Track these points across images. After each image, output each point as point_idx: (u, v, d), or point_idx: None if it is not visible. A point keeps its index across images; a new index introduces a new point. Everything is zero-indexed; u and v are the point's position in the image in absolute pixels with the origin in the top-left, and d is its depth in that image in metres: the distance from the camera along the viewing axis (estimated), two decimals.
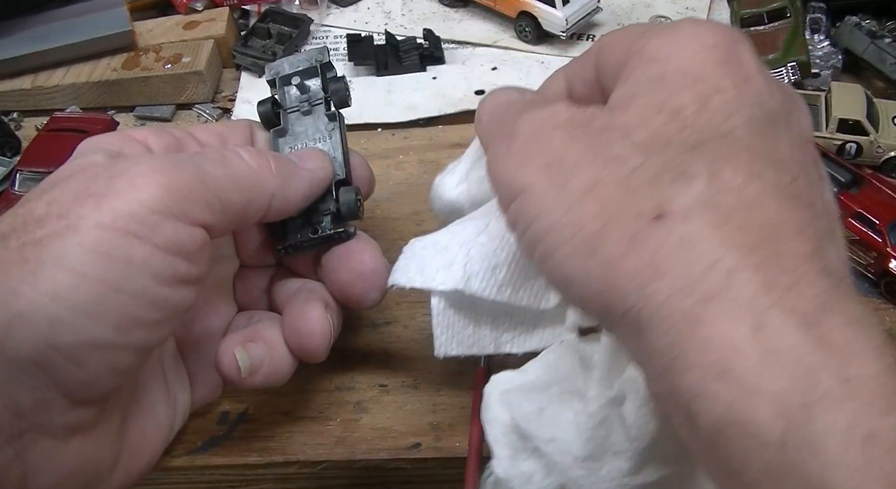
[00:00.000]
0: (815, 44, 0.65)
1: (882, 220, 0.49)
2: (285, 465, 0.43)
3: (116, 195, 0.32)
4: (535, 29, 0.67)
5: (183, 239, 0.33)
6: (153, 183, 0.33)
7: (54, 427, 0.32)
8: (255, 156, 0.38)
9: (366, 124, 0.62)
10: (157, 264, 0.32)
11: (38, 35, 0.65)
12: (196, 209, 0.34)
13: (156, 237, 0.32)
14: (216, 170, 0.35)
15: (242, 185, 0.36)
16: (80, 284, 0.31)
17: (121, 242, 0.31)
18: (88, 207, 0.32)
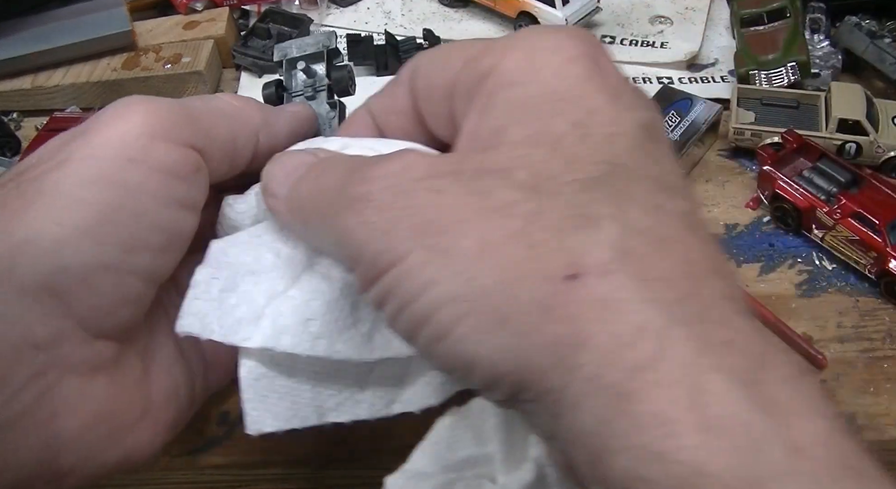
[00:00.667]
0: (814, 44, 0.65)
1: (881, 219, 0.49)
2: (285, 465, 0.43)
3: (103, 128, 0.33)
4: None
5: (175, 159, 0.34)
6: (137, 112, 0.34)
7: (76, 361, 0.32)
8: (236, 97, 0.39)
9: None
10: (153, 184, 0.33)
11: (38, 35, 0.65)
12: (182, 131, 0.34)
13: (148, 159, 0.33)
14: (197, 103, 0.37)
15: (226, 114, 0.37)
16: (80, 208, 0.31)
17: (115, 167, 0.32)
18: (78, 144, 0.33)
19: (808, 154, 0.54)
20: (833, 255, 0.51)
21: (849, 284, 0.50)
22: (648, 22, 0.69)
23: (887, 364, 0.46)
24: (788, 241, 0.53)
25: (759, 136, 0.57)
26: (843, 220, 0.50)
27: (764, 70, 0.61)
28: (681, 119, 0.57)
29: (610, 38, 0.68)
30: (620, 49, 0.67)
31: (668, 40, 0.68)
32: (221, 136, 0.36)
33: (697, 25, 0.69)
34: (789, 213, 0.52)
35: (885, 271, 0.48)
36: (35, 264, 0.31)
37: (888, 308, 0.49)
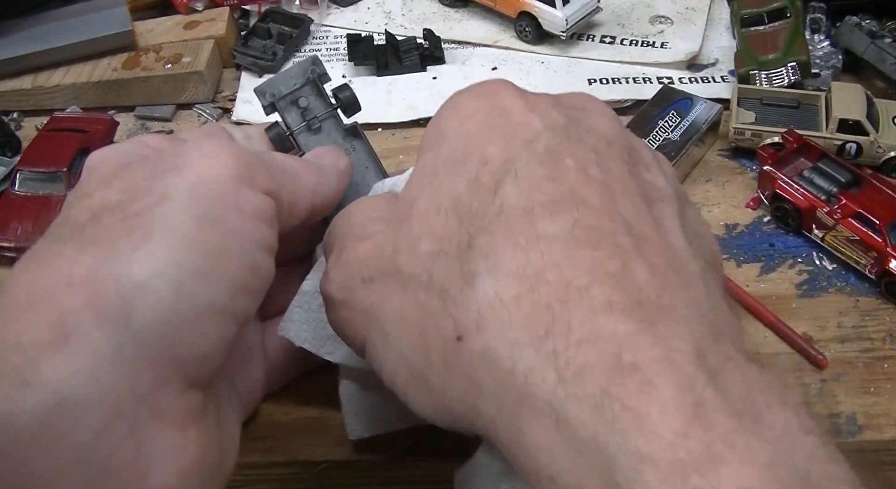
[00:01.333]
0: (815, 44, 0.65)
1: (882, 219, 0.49)
2: (286, 465, 0.43)
3: (194, 166, 0.32)
4: (535, 29, 0.67)
5: (261, 204, 0.33)
6: (225, 153, 0.33)
7: (172, 412, 0.30)
8: (290, 157, 0.38)
9: (366, 124, 0.62)
10: (249, 228, 0.32)
11: (38, 35, 0.65)
12: (262, 177, 0.34)
13: (241, 202, 0.32)
14: (265, 156, 0.36)
15: (289, 173, 0.36)
16: (194, 247, 0.30)
17: (216, 207, 0.31)
18: (171, 179, 0.31)
19: (808, 154, 0.54)
20: (833, 255, 0.51)
21: (849, 284, 0.50)
22: (649, 22, 0.70)
23: (887, 364, 0.46)
24: (789, 241, 0.53)
25: (760, 136, 0.57)
26: (843, 220, 0.50)
27: (764, 70, 0.61)
28: (681, 119, 0.57)
29: (610, 38, 0.68)
30: (621, 49, 0.67)
31: (669, 40, 0.68)
32: (287, 190, 0.36)
33: (698, 25, 0.69)
34: (790, 213, 0.52)
35: (885, 271, 0.48)
36: (152, 309, 0.29)
37: (888, 308, 0.49)
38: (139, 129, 0.64)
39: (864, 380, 0.45)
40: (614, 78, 0.65)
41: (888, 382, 0.45)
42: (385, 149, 0.60)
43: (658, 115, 0.57)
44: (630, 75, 0.65)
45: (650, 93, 0.60)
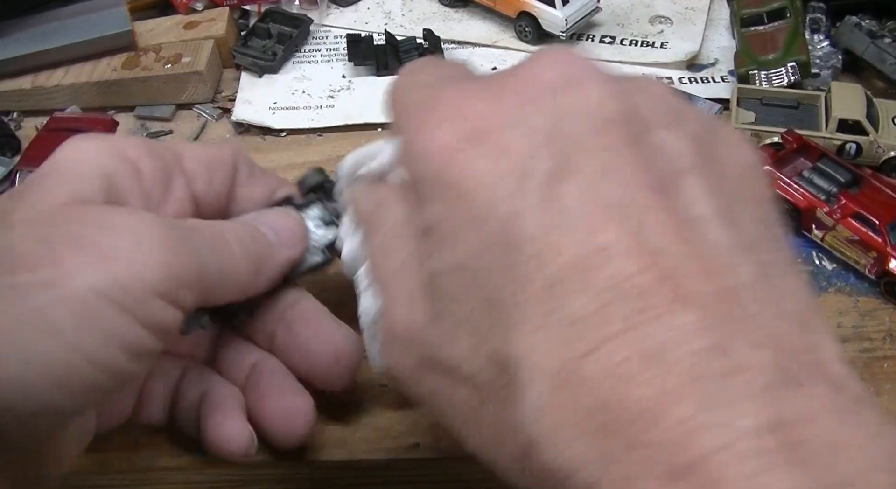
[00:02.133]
0: (814, 44, 0.65)
1: (882, 219, 0.49)
2: (285, 465, 0.43)
3: (116, 259, 0.30)
4: (534, 29, 0.67)
5: (165, 318, 0.32)
6: (158, 261, 0.31)
7: None
8: (240, 243, 0.36)
9: (366, 124, 0.62)
10: (130, 336, 0.30)
11: (38, 35, 0.65)
12: (186, 295, 0.32)
13: (140, 312, 0.30)
14: (210, 258, 0.34)
15: (225, 276, 0.35)
16: (55, 351, 0.29)
17: (108, 313, 0.30)
18: (84, 261, 0.30)
19: (808, 154, 0.54)
20: (833, 255, 0.51)
21: (849, 284, 0.50)
22: (648, 22, 0.70)
23: (887, 364, 0.46)
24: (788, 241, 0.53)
25: (759, 136, 0.57)
26: (843, 220, 0.50)
27: (764, 70, 0.61)
28: None
29: (610, 38, 0.68)
30: (620, 49, 0.67)
31: (668, 40, 0.68)
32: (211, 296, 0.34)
33: (697, 25, 0.69)
34: (789, 213, 0.52)
35: (885, 271, 0.48)
36: None
37: (888, 308, 0.49)
38: (139, 129, 0.64)
39: (863, 381, 0.45)
40: None
41: (888, 382, 0.45)
42: None
43: None
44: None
45: None
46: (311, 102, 0.64)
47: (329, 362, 0.39)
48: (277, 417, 0.38)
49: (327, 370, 0.39)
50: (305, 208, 0.42)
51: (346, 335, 0.39)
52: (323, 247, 0.41)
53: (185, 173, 0.38)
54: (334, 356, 0.39)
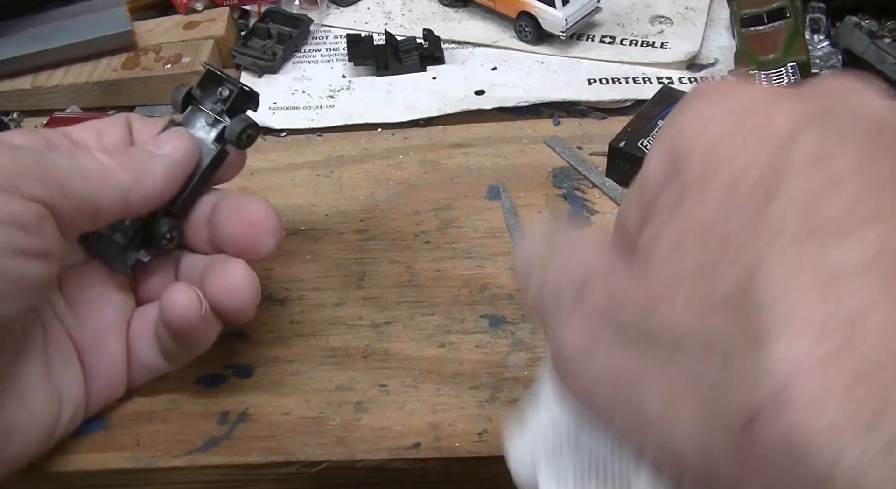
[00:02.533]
0: (814, 44, 0.65)
1: None
2: (285, 465, 0.43)
3: None
4: (534, 29, 0.67)
5: (16, 210, 0.34)
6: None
7: None
8: (106, 154, 0.39)
9: (365, 124, 0.62)
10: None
11: (37, 35, 0.65)
12: (29, 185, 0.35)
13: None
14: (61, 160, 0.37)
15: (89, 178, 0.37)
16: None
17: None
18: None
19: None
20: None
21: None
22: (648, 22, 0.70)
23: None
24: None
25: None
26: None
27: (764, 70, 0.61)
28: None
29: (610, 38, 0.68)
30: (620, 49, 0.67)
31: (669, 40, 0.68)
32: (79, 196, 0.37)
33: (697, 25, 0.69)
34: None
35: None
36: None
37: None
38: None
39: None
40: (614, 78, 0.65)
41: None
42: (385, 149, 0.60)
43: (658, 115, 0.57)
44: (630, 75, 0.65)
45: (650, 93, 0.60)
46: (310, 102, 0.64)
47: (245, 228, 0.42)
48: (221, 290, 0.40)
49: (250, 237, 0.42)
50: (189, 121, 0.45)
51: (259, 201, 0.43)
52: (213, 141, 0.44)
53: (75, 140, 0.42)
54: (249, 222, 0.42)
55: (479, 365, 0.46)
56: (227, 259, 0.41)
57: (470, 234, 0.53)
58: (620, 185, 0.56)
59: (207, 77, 0.45)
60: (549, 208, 0.55)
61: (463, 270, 0.51)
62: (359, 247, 0.53)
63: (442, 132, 0.62)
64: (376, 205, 0.56)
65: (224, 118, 0.44)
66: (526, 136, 0.61)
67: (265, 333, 0.48)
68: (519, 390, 0.44)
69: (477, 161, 0.59)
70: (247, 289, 0.40)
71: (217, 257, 0.42)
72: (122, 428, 0.44)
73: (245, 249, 0.42)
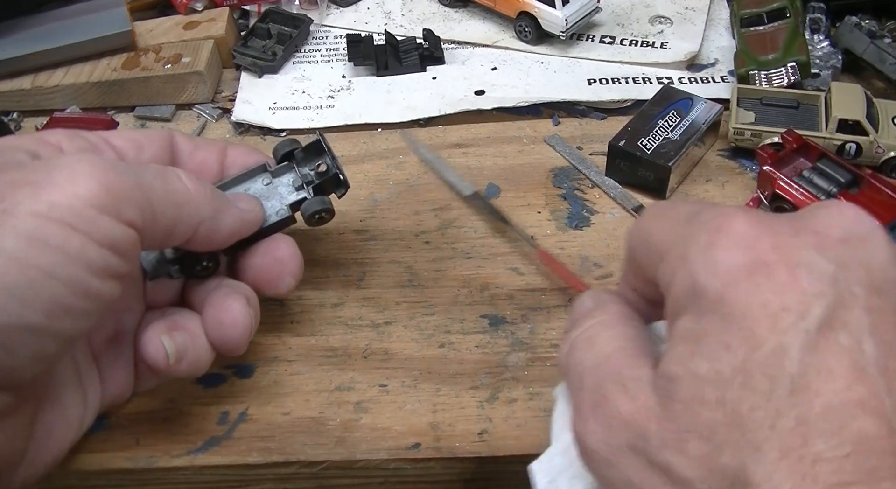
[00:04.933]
0: (814, 44, 0.65)
1: (881, 220, 0.49)
2: (285, 465, 0.43)
3: (54, 187, 0.33)
4: (534, 29, 0.67)
5: (116, 235, 0.34)
6: (92, 179, 0.34)
7: None
8: (193, 181, 0.39)
9: (366, 124, 0.62)
10: (90, 255, 0.33)
11: (38, 35, 0.65)
12: (129, 209, 0.35)
13: (91, 230, 0.33)
14: (155, 182, 0.37)
15: (176, 202, 0.37)
16: (11, 267, 0.31)
17: (56, 231, 0.32)
18: (24, 194, 0.33)
19: (807, 154, 0.54)
20: None
21: None
22: (648, 22, 0.70)
23: None
24: None
25: (759, 136, 0.57)
26: None
27: (764, 70, 0.61)
28: (681, 119, 0.57)
29: (610, 38, 0.68)
30: (620, 49, 0.67)
31: (668, 40, 0.68)
32: (164, 221, 0.37)
33: (697, 25, 0.69)
34: (789, 212, 0.52)
35: None
36: None
37: None
38: (139, 129, 0.64)
39: None
40: (614, 78, 0.65)
41: None
42: (385, 149, 0.60)
43: (658, 115, 0.57)
44: (630, 75, 0.65)
45: (650, 93, 0.60)
46: (310, 102, 0.64)
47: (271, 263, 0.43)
48: (212, 319, 0.41)
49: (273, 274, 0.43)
50: (279, 175, 0.46)
51: (287, 242, 0.44)
52: (289, 205, 0.46)
53: (115, 149, 0.41)
54: (275, 258, 0.43)
55: (479, 365, 0.46)
56: (229, 293, 0.41)
57: (470, 234, 0.53)
58: (620, 184, 0.56)
59: (314, 145, 0.46)
60: (549, 208, 0.55)
61: (463, 270, 0.51)
62: (359, 247, 0.53)
63: (442, 132, 0.62)
64: (376, 205, 0.56)
65: (308, 189, 0.46)
66: (526, 136, 0.61)
67: (265, 333, 0.48)
68: (519, 390, 0.45)
69: (477, 161, 0.59)
70: (241, 326, 0.41)
71: (223, 287, 0.42)
72: (121, 428, 0.44)
73: (265, 284, 0.44)
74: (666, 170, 0.54)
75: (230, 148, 0.46)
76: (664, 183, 0.55)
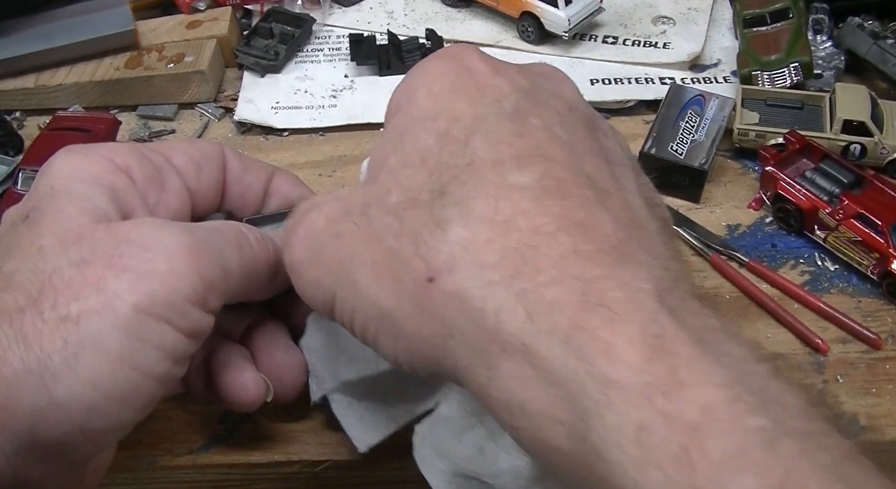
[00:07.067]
0: (817, 44, 0.64)
1: (884, 221, 0.49)
2: (287, 465, 0.43)
3: (153, 276, 0.32)
4: (537, 29, 0.67)
5: (203, 325, 0.34)
6: (190, 270, 0.33)
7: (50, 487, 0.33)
8: (261, 244, 0.38)
9: (368, 124, 0.62)
10: (180, 348, 0.33)
11: (41, 34, 0.65)
12: (217, 301, 0.34)
13: (183, 324, 0.33)
14: (233, 259, 0.36)
15: (248, 275, 0.37)
16: (118, 372, 0.31)
17: (156, 328, 0.32)
18: (125, 284, 0.31)
19: (810, 155, 0.54)
20: (835, 256, 0.51)
21: (851, 285, 0.50)
22: (651, 22, 0.69)
23: (889, 365, 0.46)
24: (791, 241, 0.53)
25: (764, 136, 0.56)
26: (845, 221, 0.50)
27: (767, 71, 0.61)
28: (700, 118, 0.56)
29: (612, 38, 0.68)
30: (623, 49, 0.67)
31: (671, 41, 0.68)
32: (236, 295, 0.36)
33: (700, 26, 0.69)
34: (792, 213, 0.52)
35: (887, 272, 0.48)
36: (60, 426, 0.30)
37: (890, 309, 0.49)
38: (141, 128, 0.64)
39: (865, 382, 0.45)
40: (616, 78, 0.65)
41: (890, 383, 0.45)
42: None
43: (677, 117, 0.57)
44: (632, 76, 0.65)
45: (652, 93, 0.60)
46: (313, 102, 0.64)
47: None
48: (272, 374, 0.40)
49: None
50: None
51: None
52: None
53: (176, 169, 0.40)
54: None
55: None
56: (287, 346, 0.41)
57: None
58: None
59: None
60: None
61: None
62: None
63: None
64: None
65: None
66: None
67: None
68: None
69: None
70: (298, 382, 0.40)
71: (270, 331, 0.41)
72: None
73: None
74: (702, 174, 0.54)
75: (277, 175, 0.44)
76: (699, 186, 0.55)
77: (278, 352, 0.40)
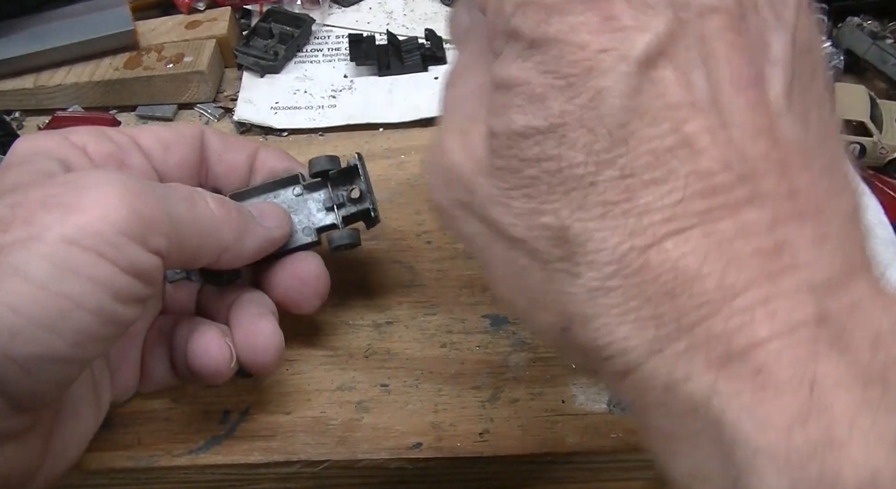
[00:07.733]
0: None
1: None
2: (287, 465, 0.43)
3: (85, 210, 0.32)
4: None
5: (142, 263, 0.33)
6: (123, 204, 0.32)
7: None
8: (220, 205, 0.38)
9: (367, 124, 0.62)
10: (117, 283, 0.32)
11: (39, 35, 0.65)
12: (156, 238, 0.34)
13: (119, 258, 0.32)
14: (181, 208, 0.36)
15: (201, 231, 0.37)
16: (41, 298, 0.30)
17: (86, 259, 0.31)
18: (55, 217, 0.31)
19: None
20: None
21: None
22: None
23: None
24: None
25: None
26: None
27: None
28: None
29: None
30: None
31: None
32: (189, 249, 0.36)
33: None
34: None
35: None
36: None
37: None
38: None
39: None
40: None
41: None
42: (386, 149, 0.60)
43: None
44: None
45: None
46: (312, 102, 0.64)
47: (297, 285, 0.42)
48: (244, 342, 0.40)
49: (299, 294, 0.42)
50: (312, 190, 0.44)
51: (316, 261, 0.43)
52: (316, 229, 0.44)
53: (142, 148, 0.41)
54: (302, 280, 0.42)
55: (481, 365, 0.46)
56: (261, 314, 0.40)
57: None
58: None
59: (352, 169, 0.45)
60: None
61: (465, 270, 0.51)
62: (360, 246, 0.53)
63: None
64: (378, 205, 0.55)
65: (338, 213, 0.44)
66: None
67: None
68: (520, 390, 0.45)
69: None
70: (274, 351, 0.40)
71: (250, 303, 0.41)
72: (123, 427, 0.44)
73: (290, 304, 0.43)
74: None
75: (262, 150, 0.45)
76: None
77: (249, 318, 0.40)
